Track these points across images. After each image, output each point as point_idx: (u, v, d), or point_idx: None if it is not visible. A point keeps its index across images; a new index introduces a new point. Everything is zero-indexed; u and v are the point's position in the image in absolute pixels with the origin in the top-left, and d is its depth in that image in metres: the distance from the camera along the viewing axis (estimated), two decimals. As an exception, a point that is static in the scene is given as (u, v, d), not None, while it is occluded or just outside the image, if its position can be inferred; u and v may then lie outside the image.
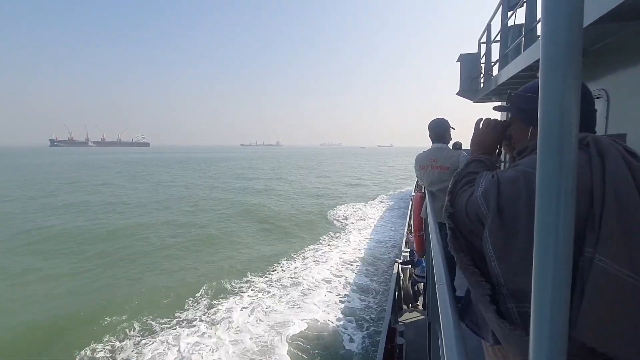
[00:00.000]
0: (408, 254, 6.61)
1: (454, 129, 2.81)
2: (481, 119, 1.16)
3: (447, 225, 0.96)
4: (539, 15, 2.72)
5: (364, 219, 16.59)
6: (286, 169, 49.02)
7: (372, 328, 6.75)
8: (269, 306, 7.57)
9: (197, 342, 6.23)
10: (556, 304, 0.43)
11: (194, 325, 6.75)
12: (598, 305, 0.67)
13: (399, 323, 4.60)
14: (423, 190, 2.93)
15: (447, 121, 2.79)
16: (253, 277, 9.21)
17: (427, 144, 2.91)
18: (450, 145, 2.98)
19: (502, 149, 1.14)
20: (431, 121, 2.81)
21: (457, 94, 6.16)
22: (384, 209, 19.06)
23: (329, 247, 12.17)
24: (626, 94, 2.14)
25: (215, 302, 7.78)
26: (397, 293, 5.22)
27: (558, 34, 0.39)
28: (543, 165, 0.41)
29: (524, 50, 3.45)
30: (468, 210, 0.89)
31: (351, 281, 9.08)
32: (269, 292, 8.30)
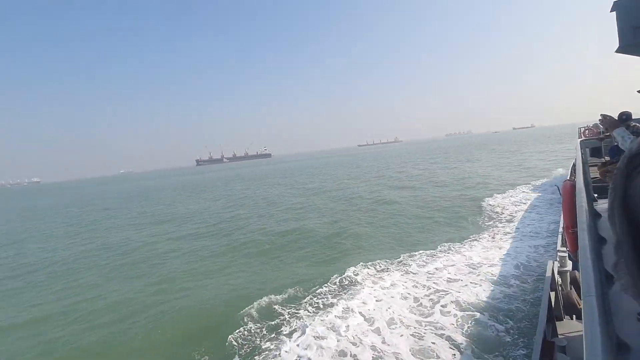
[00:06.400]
0: (566, 255, 5.45)
1: None
2: None
3: (610, 219, 0.81)
4: None
5: (512, 213, 14.56)
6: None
7: (520, 341, 5.87)
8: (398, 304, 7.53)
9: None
10: None
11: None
12: None
13: (559, 336, 3.86)
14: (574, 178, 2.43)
15: None
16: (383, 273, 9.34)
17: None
18: (615, 115, 2.37)
19: None
20: None
21: (616, 51, 4.74)
22: (534, 199, 16.25)
23: (468, 244, 11.23)
24: None
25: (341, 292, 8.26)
26: (553, 300, 4.39)
27: None
28: None
29: None
30: None
31: (494, 284, 8.09)
32: (400, 294, 8.23)
